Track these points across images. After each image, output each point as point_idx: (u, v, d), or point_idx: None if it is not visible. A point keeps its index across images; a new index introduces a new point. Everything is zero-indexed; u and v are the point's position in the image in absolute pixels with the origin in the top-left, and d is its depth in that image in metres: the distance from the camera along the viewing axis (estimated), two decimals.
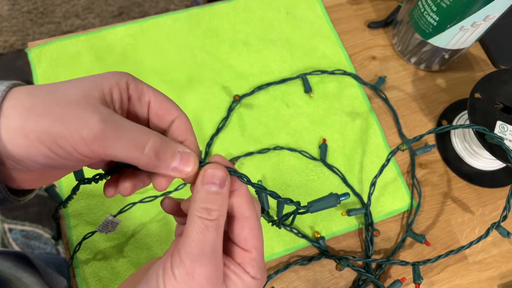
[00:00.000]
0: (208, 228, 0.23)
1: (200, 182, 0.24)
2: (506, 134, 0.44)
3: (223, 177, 0.24)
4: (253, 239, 0.25)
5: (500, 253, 0.49)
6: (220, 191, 0.23)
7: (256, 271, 0.24)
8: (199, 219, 0.23)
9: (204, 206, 0.23)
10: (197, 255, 0.22)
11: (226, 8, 0.57)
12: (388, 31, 0.59)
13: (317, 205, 0.26)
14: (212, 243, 0.23)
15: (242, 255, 0.25)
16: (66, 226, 0.45)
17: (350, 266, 0.44)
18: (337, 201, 0.26)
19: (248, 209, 0.25)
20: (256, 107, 0.52)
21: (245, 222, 0.25)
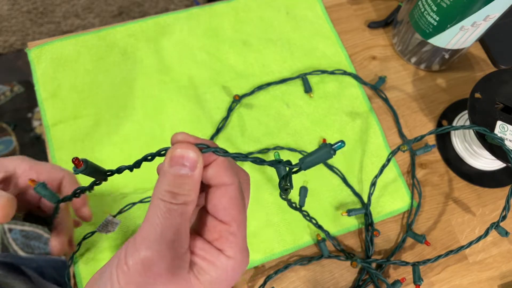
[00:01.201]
0: (172, 212, 0.20)
1: (167, 163, 0.20)
2: (506, 134, 0.44)
3: (194, 158, 0.20)
4: (233, 209, 0.21)
5: (500, 253, 0.49)
6: (190, 174, 0.20)
7: (235, 250, 0.21)
8: (162, 202, 0.20)
9: (170, 189, 0.20)
10: (154, 242, 0.19)
11: (226, 8, 0.57)
12: (388, 31, 0.59)
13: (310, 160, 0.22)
14: (175, 229, 0.20)
15: (219, 229, 0.21)
16: None
17: (361, 262, 0.44)
18: (331, 152, 0.22)
19: (227, 176, 0.21)
20: (256, 107, 0.52)
21: (224, 191, 0.21)
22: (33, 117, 1.25)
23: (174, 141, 0.21)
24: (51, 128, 0.48)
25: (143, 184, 0.47)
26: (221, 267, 0.21)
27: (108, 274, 0.20)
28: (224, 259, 0.21)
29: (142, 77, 0.52)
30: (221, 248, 0.21)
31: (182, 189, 0.20)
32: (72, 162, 0.22)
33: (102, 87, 0.51)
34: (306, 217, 0.46)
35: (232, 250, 0.21)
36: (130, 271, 0.19)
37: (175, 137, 0.21)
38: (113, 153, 0.48)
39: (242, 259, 0.22)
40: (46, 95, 0.50)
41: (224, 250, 0.21)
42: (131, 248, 0.20)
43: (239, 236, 0.22)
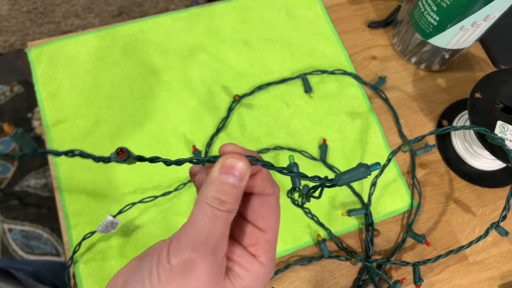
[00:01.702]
0: (218, 218, 0.20)
1: (217, 170, 0.21)
2: (506, 134, 0.44)
3: (243, 170, 0.21)
4: (271, 218, 0.22)
5: (500, 253, 0.49)
6: (237, 184, 0.21)
7: (268, 257, 0.22)
8: (209, 207, 0.20)
9: (217, 196, 0.21)
10: (200, 245, 0.20)
11: (226, 8, 0.57)
12: (388, 31, 0.59)
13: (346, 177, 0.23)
14: (219, 235, 0.20)
15: (257, 236, 0.22)
16: (66, 226, 0.45)
17: (360, 260, 0.44)
18: (368, 172, 0.23)
19: (269, 186, 0.23)
20: (256, 107, 0.52)
21: (265, 199, 0.23)
22: (33, 117, 1.25)
23: (223, 151, 0.22)
24: (51, 128, 0.48)
25: (143, 184, 0.47)
26: (254, 273, 0.22)
27: (146, 271, 0.20)
28: (257, 265, 0.22)
29: (142, 77, 0.52)
30: (256, 254, 0.22)
31: (229, 197, 0.21)
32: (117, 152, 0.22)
33: (102, 87, 0.51)
34: (307, 214, 0.46)
35: (265, 256, 0.22)
36: (172, 271, 0.20)
37: (224, 147, 0.22)
38: None
39: (272, 266, 0.23)
40: (46, 95, 0.50)
41: (258, 256, 0.22)
42: (175, 248, 0.20)
43: (273, 245, 0.23)
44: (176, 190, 0.47)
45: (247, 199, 0.23)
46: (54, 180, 0.47)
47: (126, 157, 0.22)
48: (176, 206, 0.47)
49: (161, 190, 0.47)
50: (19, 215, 1.14)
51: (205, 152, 0.49)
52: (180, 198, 0.47)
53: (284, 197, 0.48)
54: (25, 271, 0.55)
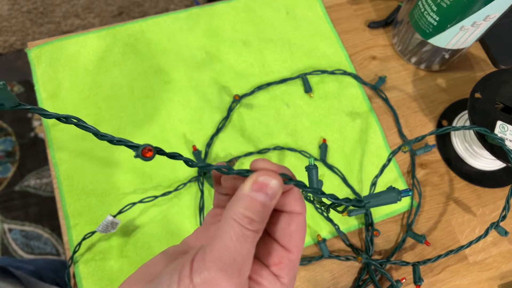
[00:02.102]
0: (246, 238, 0.19)
1: (249, 186, 0.20)
2: (506, 134, 0.44)
3: (276, 189, 0.20)
4: (298, 237, 0.21)
5: (500, 253, 0.49)
6: (268, 204, 0.20)
7: (290, 277, 0.21)
8: (237, 225, 0.19)
9: (247, 214, 0.20)
10: (227, 265, 0.19)
11: (226, 8, 0.57)
12: (388, 31, 0.59)
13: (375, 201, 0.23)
14: (246, 255, 0.19)
15: (281, 255, 0.21)
16: (66, 226, 0.45)
17: (366, 258, 0.44)
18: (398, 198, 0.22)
19: (300, 205, 0.22)
20: (256, 107, 0.52)
21: (294, 218, 0.22)
22: (33, 117, 1.25)
23: (255, 166, 0.21)
24: (51, 128, 0.48)
25: (143, 184, 0.47)
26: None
27: (165, 286, 0.19)
28: (279, 286, 0.21)
29: (142, 77, 0.52)
30: (279, 274, 0.21)
31: (258, 216, 0.20)
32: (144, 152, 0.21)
33: (102, 87, 0.51)
34: (318, 210, 0.47)
35: (288, 277, 0.21)
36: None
37: (257, 163, 0.21)
38: (114, 153, 0.48)
39: (293, 286, 0.22)
40: (46, 95, 0.50)
41: (280, 277, 0.21)
42: (200, 265, 0.19)
43: (296, 265, 0.22)
44: (176, 190, 0.47)
45: (275, 216, 0.22)
46: (54, 180, 0.47)
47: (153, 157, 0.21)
48: (176, 206, 0.47)
49: (161, 190, 0.47)
50: (19, 215, 1.14)
51: (205, 152, 0.49)
52: (180, 198, 0.47)
53: None
54: (26, 270, 0.55)
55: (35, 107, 0.20)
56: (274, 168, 0.21)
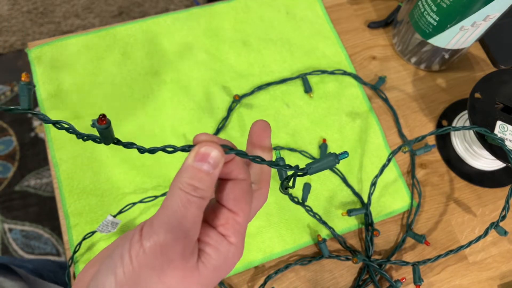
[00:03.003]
0: (191, 203, 0.21)
1: (192, 157, 0.22)
2: (506, 134, 0.44)
3: (217, 158, 0.21)
4: (243, 201, 0.23)
5: (500, 253, 0.49)
6: (211, 172, 0.21)
7: (237, 237, 0.23)
8: (182, 193, 0.21)
9: (191, 182, 0.21)
10: (173, 227, 0.20)
11: (226, 8, 0.57)
12: (388, 31, 0.59)
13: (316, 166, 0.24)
14: (193, 219, 0.21)
15: (227, 216, 0.23)
16: (66, 226, 0.45)
17: (362, 259, 0.44)
18: (336, 161, 0.24)
19: (242, 172, 0.23)
20: (256, 107, 0.52)
21: (237, 183, 0.23)
22: (33, 117, 1.25)
23: (197, 140, 0.23)
24: (52, 128, 0.48)
25: (143, 184, 0.47)
26: (223, 252, 0.22)
27: (118, 256, 0.20)
28: (227, 244, 0.22)
29: (142, 77, 0.52)
30: (225, 233, 0.23)
31: (202, 184, 0.21)
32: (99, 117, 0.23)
33: (102, 87, 0.51)
34: (309, 212, 0.46)
35: (235, 237, 0.23)
36: (146, 253, 0.20)
37: (198, 137, 0.23)
38: (114, 153, 0.48)
39: (241, 248, 0.23)
40: (46, 95, 0.50)
41: (228, 236, 0.23)
42: (148, 232, 0.20)
43: (243, 227, 0.23)
44: None
45: (222, 184, 0.24)
46: (54, 180, 0.47)
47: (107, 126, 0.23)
48: None
49: (161, 190, 0.47)
50: (20, 215, 1.14)
51: None
52: None
53: (284, 198, 0.48)
54: (26, 268, 0.55)
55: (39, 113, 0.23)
56: (215, 140, 0.23)
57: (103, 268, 0.21)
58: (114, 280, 0.20)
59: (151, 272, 0.20)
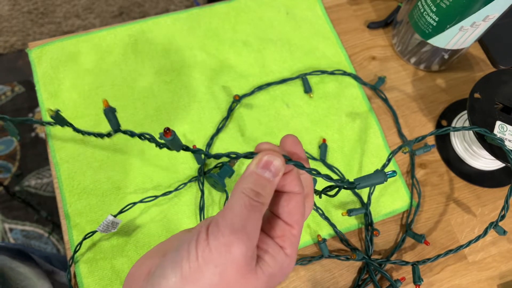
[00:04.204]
0: (254, 208, 0.22)
1: (255, 164, 0.23)
2: (505, 134, 0.44)
3: (279, 167, 0.23)
4: (298, 214, 0.24)
5: (500, 253, 0.49)
6: (272, 180, 0.23)
7: (292, 249, 0.24)
8: (246, 197, 0.22)
9: (254, 188, 0.23)
10: (237, 230, 0.21)
11: (226, 8, 0.57)
12: (388, 32, 0.59)
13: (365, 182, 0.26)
14: (255, 223, 0.22)
15: (283, 228, 0.24)
16: (67, 226, 0.45)
17: (362, 256, 0.45)
18: (385, 178, 0.25)
19: (298, 185, 0.25)
20: (256, 107, 0.52)
21: (293, 197, 0.24)
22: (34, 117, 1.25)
23: (260, 148, 0.25)
24: (52, 128, 0.49)
25: (144, 184, 0.47)
26: (280, 262, 0.23)
27: (185, 251, 0.22)
28: (283, 255, 0.24)
29: (142, 78, 0.52)
30: (282, 245, 0.24)
31: (264, 190, 0.23)
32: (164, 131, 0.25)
33: (102, 88, 0.51)
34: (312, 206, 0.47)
35: (291, 249, 0.24)
36: (211, 251, 0.21)
37: (261, 145, 0.25)
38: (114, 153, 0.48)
39: (294, 260, 0.24)
40: (46, 95, 0.50)
41: (284, 248, 0.24)
42: (214, 231, 0.22)
43: (297, 239, 0.24)
44: (177, 190, 0.47)
45: (277, 197, 0.25)
46: (55, 180, 0.47)
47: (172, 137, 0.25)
48: (177, 206, 0.47)
49: (162, 190, 0.47)
50: (20, 215, 1.15)
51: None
52: (180, 198, 0.47)
53: None
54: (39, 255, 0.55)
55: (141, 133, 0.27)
56: (277, 149, 0.24)
57: (168, 260, 0.22)
58: (180, 273, 0.21)
59: (214, 269, 0.21)
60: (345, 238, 0.47)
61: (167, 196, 0.47)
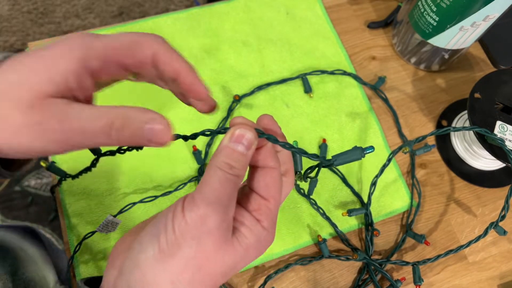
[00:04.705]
0: (228, 181, 0.23)
1: (228, 139, 0.24)
2: (506, 134, 0.44)
3: (251, 139, 0.23)
4: (274, 188, 0.25)
5: (500, 253, 0.49)
6: (245, 153, 0.23)
7: (269, 222, 0.24)
8: (220, 171, 0.23)
9: (228, 161, 0.23)
10: (213, 202, 0.22)
11: (226, 8, 0.57)
12: (388, 31, 0.59)
13: (342, 158, 0.26)
14: (229, 195, 0.23)
15: (259, 202, 0.25)
16: (66, 226, 0.45)
17: (363, 256, 0.44)
18: (362, 154, 0.25)
19: (273, 160, 0.25)
20: (256, 107, 0.52)
21: (268, 171, 0.25)
22: None
23: (234, 122, 0.25)
24: None
25: (144, 184, 0.47)
26: (257, 234, 0.24)
27: (162, 226, 0.22)
28: (260, 228, 0.24)
29: None
30: (259, 218, 0.24)
31: (237, 163, 0.23)
32: None
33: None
34: (313, 205, 0.47)
35: (267, 222, 0.24)
36: (187, 224, 0.22)
37: (235, 119, 0.25)
38: None
39: (273, 234, 0.25)
40: None
41: (261, 221, 0.24)
42: (190, 204, 0.22)
43: (274, 213, 0.25)
44: (176, 190, 0.47)
45: (253, 172, 0.25)
46: (55, 180, 0.47)
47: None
48: None
49: (161, 190, 0.47)
50: (20, 215, 1.14)
51: (205, 152, 0.49)
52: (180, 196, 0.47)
53: None
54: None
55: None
56: (250, 123, 0.25)
57: (146, 235, 0.23)
58: (157, 247, 0.22)
59: (190, 241, 0.22)
60: (346, 238, 0.47)
61: (167, 196, 0.47)
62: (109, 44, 0.25)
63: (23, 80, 0.22)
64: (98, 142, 0.23)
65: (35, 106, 0.22)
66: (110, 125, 0.23)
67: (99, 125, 0.22)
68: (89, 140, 0.23)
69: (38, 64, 0.23)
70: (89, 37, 0.25)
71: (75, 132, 0.22)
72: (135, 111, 0.23)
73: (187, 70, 0.27)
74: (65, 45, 0.24)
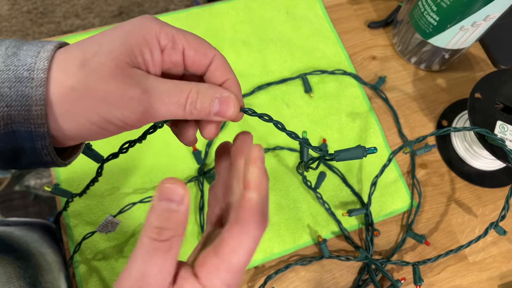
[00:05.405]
0: (156, 252, 0.20)
1: (156, 198, 0.20)
2: (506, 134, 0.44)
3: (182, 193, 0.20)
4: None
5: (500, 253, 0.49)
6: (177, 209, 0.20)
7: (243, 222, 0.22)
8: (148, 240, 0.20)
9: (157, 225, 0.20)
10: (138, 281, 0.19)
11: (226, 8, 0.57)
12: (388, 31, 0.59)
13: (344, 154, 0.26)
14: (157, 271, 0.20)
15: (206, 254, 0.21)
16: (66, 226, 0.45)
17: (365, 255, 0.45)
18: (364, 154, 0.25)
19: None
20: (256, 107, 0.52)
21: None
22: None
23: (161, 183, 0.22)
24: None
25: (143, 184, 0.47)
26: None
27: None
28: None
29: None
30: (200, 276, 0.21)
31: (169, 223, 0.20)
32: None
33: None
34: (319, 199, 0.47)
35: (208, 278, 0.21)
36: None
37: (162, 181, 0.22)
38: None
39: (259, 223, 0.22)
40: None
41: (200, 278, 0.21)
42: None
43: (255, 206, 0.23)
44: None
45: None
46: (54, 180, 0.47)
47: None
48: None
49: None
50: (20, 215, 1.14)
51: (205, 152, 0.49)
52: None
53: (284, 198, 0.48)
54: None
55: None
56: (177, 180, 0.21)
57: None
58: None
59: None
60: (349, 235, 0.47)
61: None
62: (179, 29, 0.25)
63: (105, 51, 0.22)
64: (173, 114, 0.23)
65: (117, 75, 0.22)
66: (186, 98, 0.23)
67: (176, 98, 0.23)
68: (165, 111, 0.23)
69: (118, 37, 0.23)
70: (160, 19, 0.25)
71: (156, 103, 0.23)
72: (205, 86, 0.24)
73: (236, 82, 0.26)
74: (143, 19, 0.24)
